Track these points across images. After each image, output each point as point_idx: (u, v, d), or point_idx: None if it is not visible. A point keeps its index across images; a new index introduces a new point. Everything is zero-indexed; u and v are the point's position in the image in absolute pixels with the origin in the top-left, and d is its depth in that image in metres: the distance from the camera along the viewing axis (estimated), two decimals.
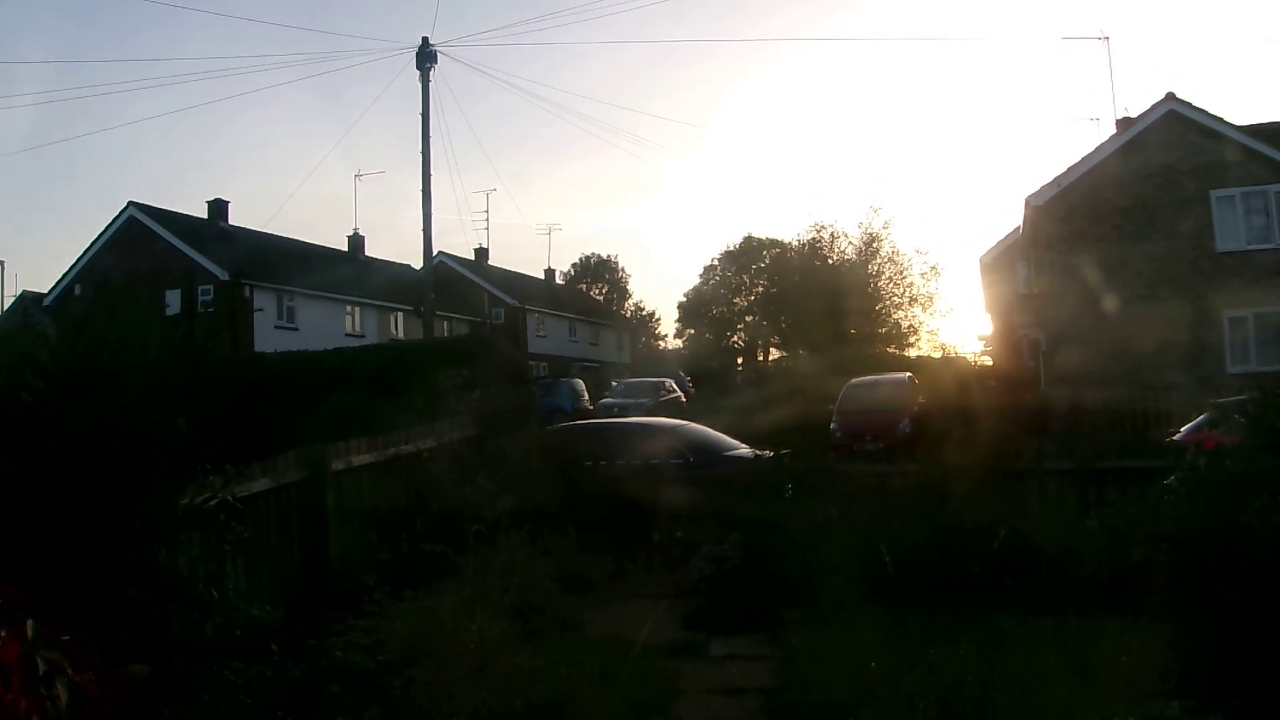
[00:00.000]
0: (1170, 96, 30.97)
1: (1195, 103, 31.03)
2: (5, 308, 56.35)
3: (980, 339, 59.19)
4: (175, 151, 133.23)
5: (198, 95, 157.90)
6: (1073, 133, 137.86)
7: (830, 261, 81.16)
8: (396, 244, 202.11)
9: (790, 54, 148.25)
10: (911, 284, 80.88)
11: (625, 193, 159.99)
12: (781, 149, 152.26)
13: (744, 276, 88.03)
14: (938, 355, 71.43)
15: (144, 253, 48.11)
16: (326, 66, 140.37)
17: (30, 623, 2.86)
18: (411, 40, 41.33)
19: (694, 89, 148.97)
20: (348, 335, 50.34)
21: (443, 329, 49.68)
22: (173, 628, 6.22)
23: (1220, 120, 30.66)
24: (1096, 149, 31.67)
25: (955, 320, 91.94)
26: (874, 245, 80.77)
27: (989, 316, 50.92)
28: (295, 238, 58.75)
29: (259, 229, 55.43)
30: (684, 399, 46.91)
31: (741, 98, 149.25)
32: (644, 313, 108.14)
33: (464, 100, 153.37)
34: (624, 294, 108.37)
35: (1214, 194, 30.24)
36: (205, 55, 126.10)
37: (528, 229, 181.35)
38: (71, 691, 2.80)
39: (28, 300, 54.99)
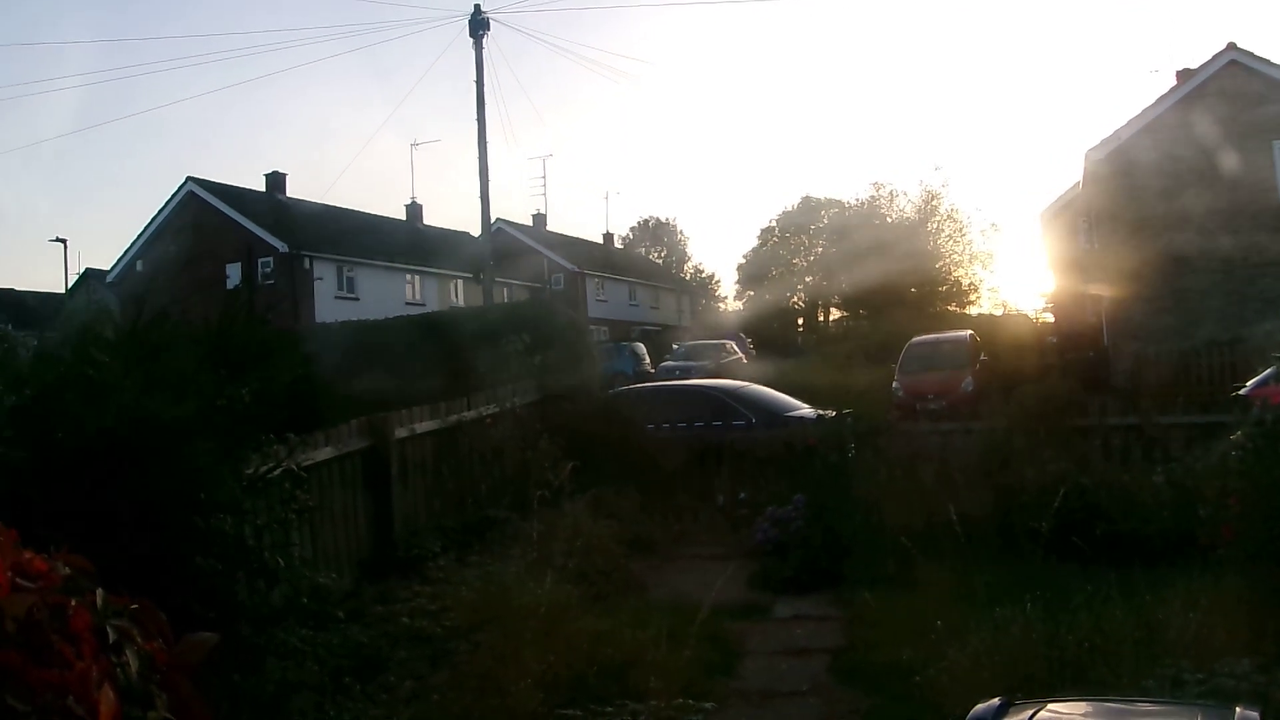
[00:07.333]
0: (1231, 46, 30.40)
1: (1257, 52, 30.50)
2: (70, 285, 57.15)
3: (1041, 295, 58.60)
4: (231, 126, 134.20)
5: (251, 70, 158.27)
6: (1132, 85, 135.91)
7: (889, 220, 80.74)
8: (455, 212, 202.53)
9: (848, 9, 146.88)
10: (971, 241, 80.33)
11: (683, 155, 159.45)
12: (839, 108, 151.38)
13: (803, 237, 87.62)
14: (999, 313, 71.00)
15: (204, 227, 48.38)
16: (379, 37, 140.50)
17: (100, 592, 2.87)
18: (464, 8, 41.08)
19: (752, 50, 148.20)
20: (408, 304, 50.41)
21: (502, 295, 49.78)
22: (240, 595, 6.27)
23: None
24: (1156, 101, 31.11)
25: (1016, 277, 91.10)
26: (933, 203, 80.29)
27: (1050, 273, 50.43)
28: (353, 208, 58.81)
29: (317, 200, 55.55)
30: (745, 360, 46.70)
31: (799, 57, 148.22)
32: (703, 275, 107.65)
33: (519, 66, 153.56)
34: (683, 257, 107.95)
35: (1277, 145, 29.70)
36: (256, 29, 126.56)
37: (586, 193, 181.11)
38: (141, 659, 2.81)
39: (91, 278, 55.69)
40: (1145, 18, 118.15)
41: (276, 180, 55.60)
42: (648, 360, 45.93)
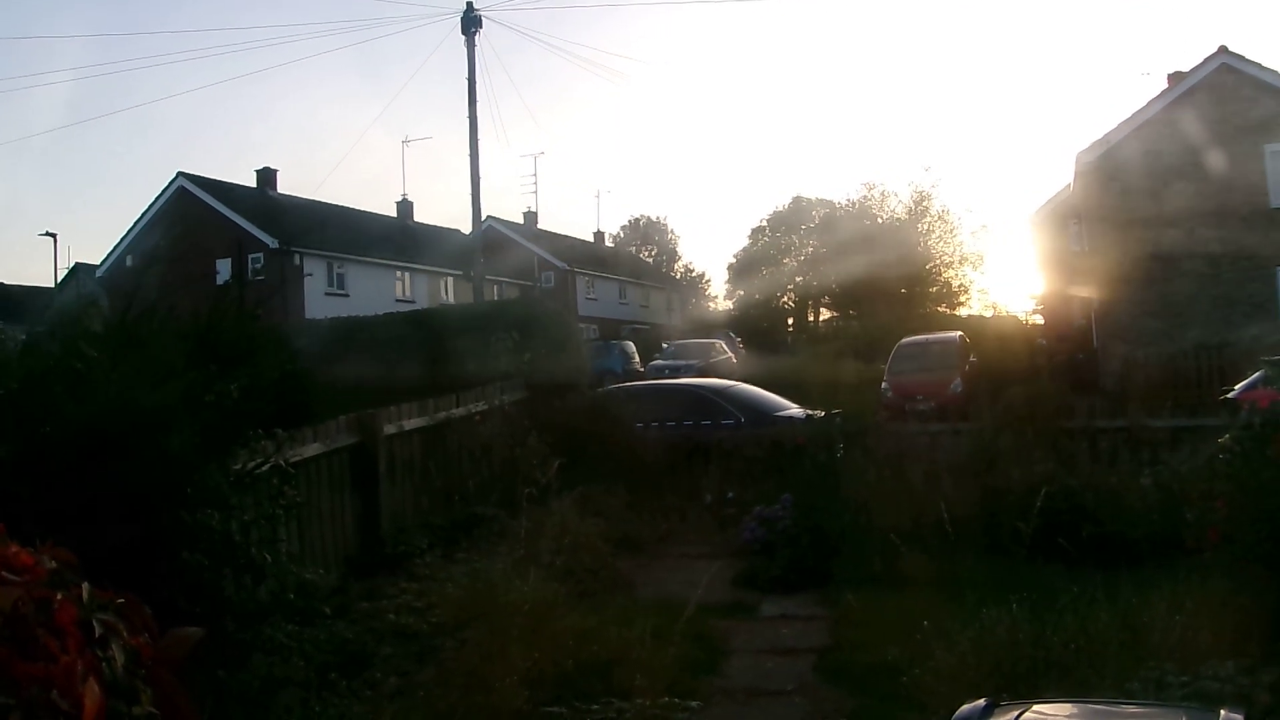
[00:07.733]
0: (1223, 50, 30.49)
1: (1248, 56, 30.59)
2: (59, 280, 57.02)
3: (1031, 297, 58.70)
4: (223, 122, 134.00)
5: (243, 66, 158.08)
6: (1124, 87, 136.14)
7: (880, 221, 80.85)
8: (446, 209, 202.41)
9: (840, 9, 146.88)
10: (961, 243, 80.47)
11: (675, 154, 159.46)
12: (830, 108, 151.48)
13: (793, 237, 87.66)
14: (988, 314, 71.04)
15: (194, 222, 48.38)
16: (372, 33, 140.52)
17: (86, 586, 2.87)
18: (456, 5, 41.05)
19: (745, 49, 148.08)
20: (398, 300, 50.37)
21: (493, 293, 49.69)
22: (226, 590, 6.26)
23: (1274, 73, 30.08)
24: (1148, 104, 31.22)
25: (1006, 278, 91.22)
26: (924, 204, 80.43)
27: (1040, 274, 50.53)
28: (344, 205, 58.90)
29: (308, 197, 55.54)
30: (734, 360, 46.74)
31: (791, 57, 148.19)
32: (694, 274, 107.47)
33: (512, 64, 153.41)
34: (673, 256, 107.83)
35: (1267, 148, 29.76)
36: (249, 25, 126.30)
37: (577, 192, 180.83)
38: (126, 653, 2.81)
39: (81, 272, 55.54)
40: (1137, 20, 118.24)
41: (267, 176, 55.55)
42: (637, 358, 45.88)
